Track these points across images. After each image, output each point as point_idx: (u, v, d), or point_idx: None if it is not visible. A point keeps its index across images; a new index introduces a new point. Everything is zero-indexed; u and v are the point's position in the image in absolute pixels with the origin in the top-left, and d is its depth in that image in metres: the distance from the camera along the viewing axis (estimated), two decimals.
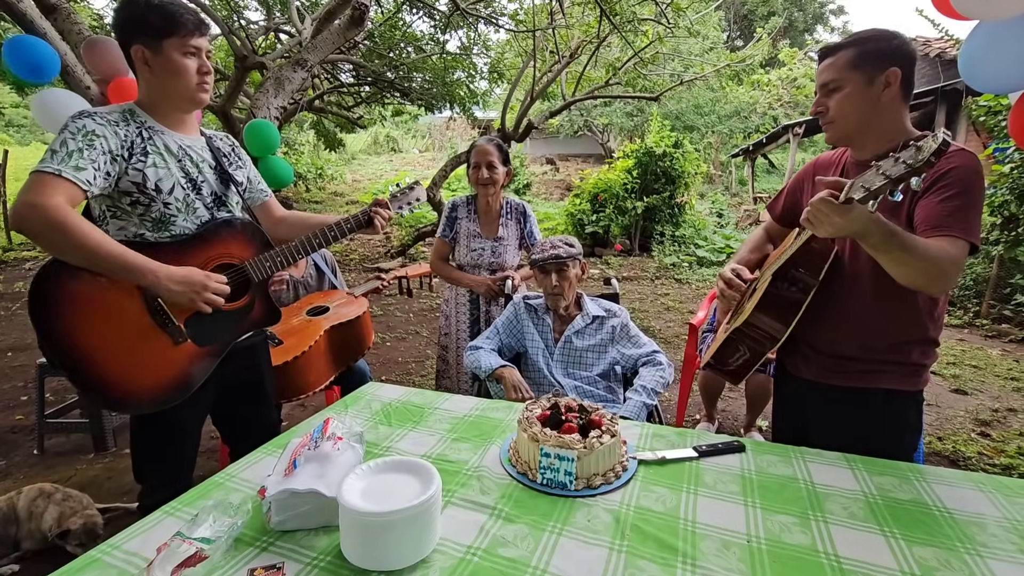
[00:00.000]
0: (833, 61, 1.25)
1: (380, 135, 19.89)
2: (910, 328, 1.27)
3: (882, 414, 1.31)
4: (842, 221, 1.03)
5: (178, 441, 1.44)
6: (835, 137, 1.31)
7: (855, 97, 1.22)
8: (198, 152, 1.40)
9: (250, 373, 1.57)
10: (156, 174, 1.28)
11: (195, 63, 1.30)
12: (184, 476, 1.48)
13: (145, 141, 1.28)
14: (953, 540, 0.92)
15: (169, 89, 1.31)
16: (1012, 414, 3.32)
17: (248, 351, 1.53)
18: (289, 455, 1.00)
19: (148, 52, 1.26)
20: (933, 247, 1.08)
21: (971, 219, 1.12)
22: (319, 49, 3.74)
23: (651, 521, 0.97)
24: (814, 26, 25.43)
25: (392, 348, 4.55)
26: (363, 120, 9.43)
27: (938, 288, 1.13)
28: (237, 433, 1.65)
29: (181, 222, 1.33)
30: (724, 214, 11.41)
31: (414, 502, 0.82)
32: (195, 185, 1.37)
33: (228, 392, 1.51)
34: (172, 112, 1.36)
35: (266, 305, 1.50)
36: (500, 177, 2.27)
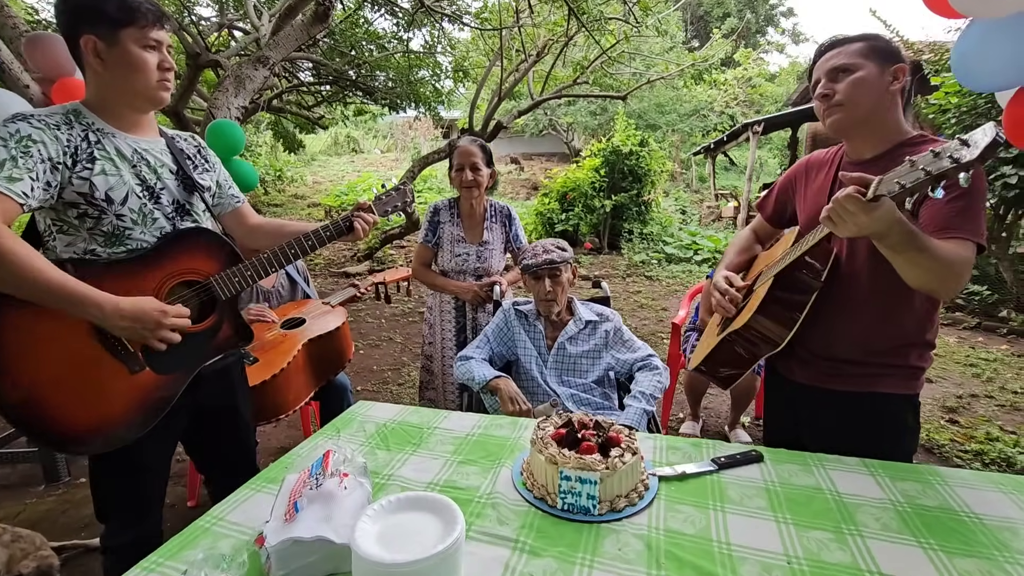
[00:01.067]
0: (843, 49, 1.22)
1: (340, 135, 19.41)
2: (908, 330, 1.25)
3: (880, 418, 1.29)
4: (867, 219, 0.98)
5: (143, 477, 1.30)
6: (840, 123, 1.24)
7: (869, 81, 1.18)
8: (156, 156, 1.25)
9: (224, 399, 1.44)
10: (106, 182, 1.13)
11: (155, 58, 1.16)
12: (152, 514, 1.35)
13: (92, 145, 1.13)
14: (990, 549, 0.90)
15: (125, 86, 1.16)
16: (975, 400, 3.45)
17: (221, 374, 1.39)
18: (288, 496, 0.89)
19: (101, 44, 1.11)
20: (947, 250, 1.05)
21: (978, 219, 1.11)
22: (281, 46, 3.56)
23: (684, 546, 0.92)
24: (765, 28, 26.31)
25: (366, 356, 4.40)
26: (324, 120, 9.14)
27: (949, 291, 1.11)
28: (213, 463, 1.52)
29: (138, 235, 1.19)
30: (687, 211, 11.64)
31: (440, 547, 0.74)
32: (153, 193, 1.22)
33: (200, 420, 1.38)
34: (127, 112, 1.21)
35: (235, 325, 1.34)
36: (484, 179, 2.19)
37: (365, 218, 1.45)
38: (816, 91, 1.25)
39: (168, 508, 2.22)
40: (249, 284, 1.31)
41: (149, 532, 1.32)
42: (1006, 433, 2.94)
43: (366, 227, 1.45)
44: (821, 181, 1.37)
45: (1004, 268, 5.17)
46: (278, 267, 1.33)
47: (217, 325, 1.30)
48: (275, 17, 4.48)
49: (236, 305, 1.35)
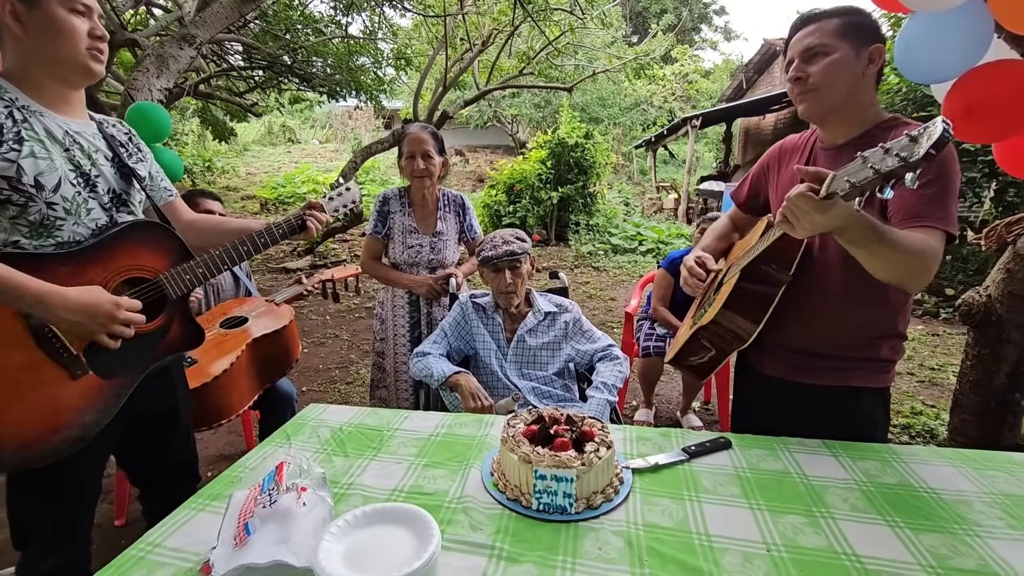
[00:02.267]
0: (819, 26, 1.15)
1: (275, 124, 18.47)
2: (881, 322, 1.22)
3: (851, 412, 1.26)
4: (823, 218, 0.93)
5: (71, 495, 1.17)
6: (814, 109, 1.19)
7: (845, 65, 1.13)
8: (89, 140, 1.13)
9: (163, 402, 1.33)
10: (35, 166, 1.01)
11: (86, 24, 1.05)
12: (81, 538, 1.21)
13: (18, 124, 1.00)
14: (950, 523, 0.93)
15: (50, 54, 1.04)
16: (899, 377, 3.71)
17: (160, 375, 1.27)
18: (237, 517, 0.80)
19: (21, 5, 1.00)
20: (914, 241, 1.01)
21: (949, 206, 1.07)
22: (209, 24, 3.29)
23: (664, 540, 0.89)
24: (699, 25, 27.26)
25: (311, 355, 4.20)
26: (257, 107, 8.62)
27: (918, 284, 1.08)
28: (150, 474, 1.40)
29: (70, 227, 1.07)
30: (631, 203, 11.90)
31: (416, 565, 0.67)
32: (88, 181, 1.10)
33: (136, 426, 1.26)
34: (53, 86, 1.08)
35: (185, 325, 1.26)
36: (436, 168, 2.10)
37: (318, 217, 1.41)
38: (789, 72, 1.19)
39: (93, 528, 2.02)
40: (201, 282, 1.24)
41: (76, 558, 1.19)
42: (928, 407, 3.18)
43: (318, 226, 1.41)
44: (794, 168, 1.31)
45: None
46: (231, 264, 1.26)
47: (167, 325, 1.21)
48: None
49: (187, 304, 1.27)
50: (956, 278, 5.66)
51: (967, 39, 1.32)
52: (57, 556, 1.17)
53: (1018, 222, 2.05)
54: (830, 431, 1.24)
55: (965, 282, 5.54)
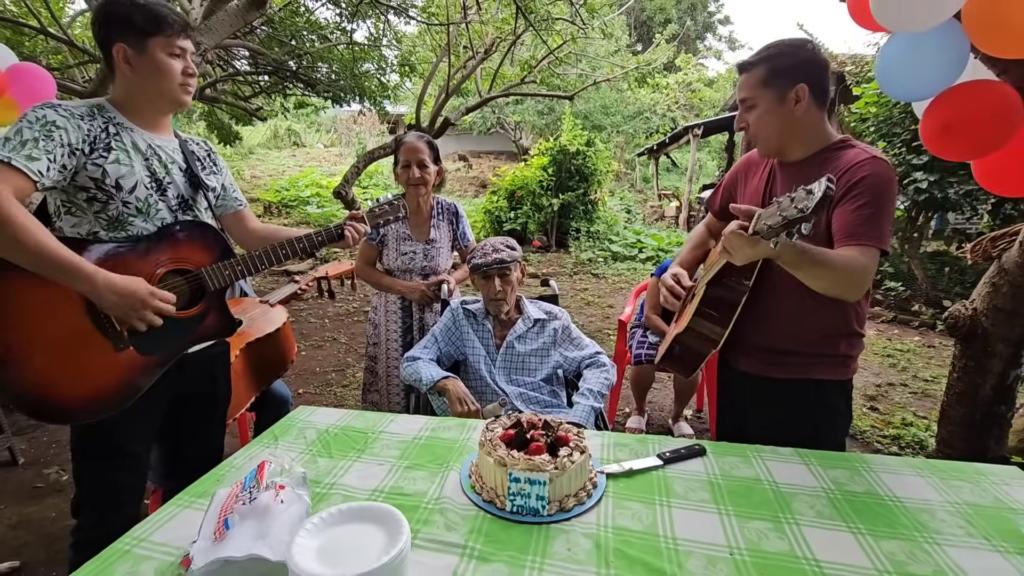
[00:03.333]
0: (748, 77, 1.29)
1: (281, 128, 18.60)
2: (836, 322, 1.34)
3: (815, 403, 1.39)
4: (752, 251, 1.09)
5: (123, 461, 1.33)
6: (763, 152, 1.38)
7: (770, 114, 1.28)
8: (168, 153, 1.34)
9: (204, 385, 1.49)
10: (118, 170, 1.22)
11: (180, 64, 1.28)
12: (130, 506, 1.35)
13: (111, 136, 1.23)
14: (911, 530, 0.96)
15: (151, 89, 1.27)
16: (892, 388, 3.72)
17: (206, 363, 1.46)
18: (218, 512, 0.83)
19: (131, 51, 1.23)
20: (843, 259, 1.15)
21: (882, 226, 1.19)
22: (215, 31, 3.35)
23: (632, 543, 0.92)
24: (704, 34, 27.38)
25: (309, 357, 4.24)
26: (262, 112, 8.71)
27: (852, 295, 1.20)
28: (179, 455, 1.51)
29: (140, 223, 1.27)
30: (632, 210, 11.94)
31: (384, 560, 0.71)
32: (160, 186, 1.31)
33: (178, 407, 1.43)
34: (150, 112, 1.31)
35: (221, 316, 1.40)
36: (431, 177, 2.14)
37: (357, 228, 1.54)
38: (736, 120, 1.37)
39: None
40: (239, 278, 1.37)
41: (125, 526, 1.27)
42: (919, 418, 3.19)
43: (356, 236, 1.54)
44: (756, 181, 1.45)
45: (916, 266, 5.61)
46: (267, 265, 1.40)
47: (204, 313, 1.36)
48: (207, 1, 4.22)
49: (224, 297, 1.41)
50: (954, 290, 5.68)
51: (943, 59, 1.36)
52: (107, 523, 1.25)
53: (1003, 236, 2.08)
54: (796, 421, 1.37)
55: (963, 295, 5.54)
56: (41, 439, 2.87)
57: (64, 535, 2.04)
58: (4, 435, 2.57)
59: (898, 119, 5.03)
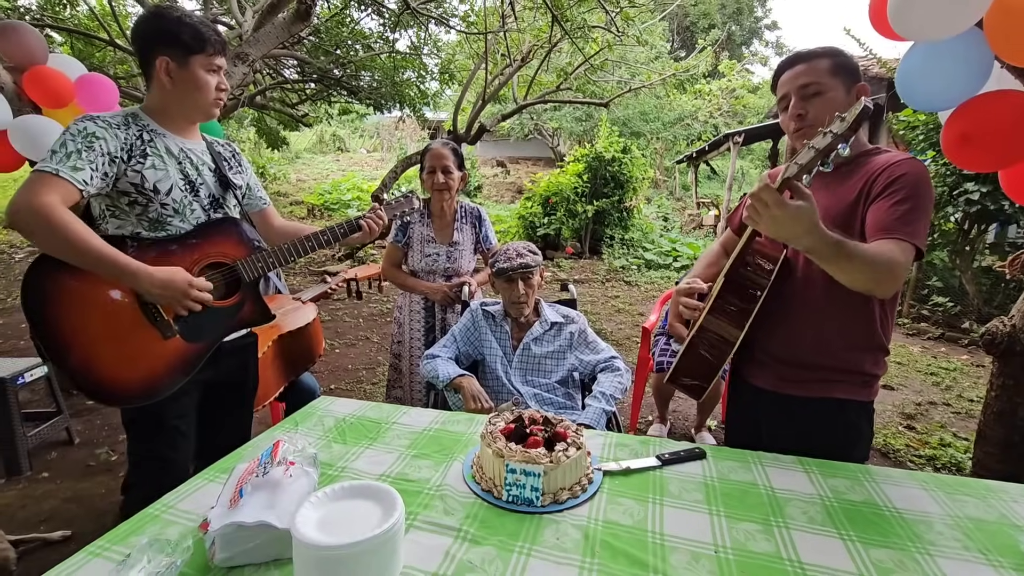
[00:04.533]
0: (811, 65, 1.23)
1: (326, 134, 19.29)
2: (862, 335, 1.27)
3: (835, 424, 1.30)
4: (781, 213, 1.00)
5: (171, 443, 1.43)
6: None
7: (840, 103, 1.20)
8: (198, 155, 1.44)
9: (236, 375, 1.59)
10: (155, 175, 1.32)
11: (215, 80, 1.38)
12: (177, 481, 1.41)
13: (145, 144, 1.32)
14: (905, 540, 0.96)
15: (188, 101, 1.37)
16: (933, 407, 3.57)
17: (239, 352, 1.57)
18: (235, 483, 0.92)
19: (173, 64, 1.32)
20: (878, 250, 1.09)
21: (917, 223, 1.14)
22: (261, 43, 3.56)
23: (620, 536, 0.96)
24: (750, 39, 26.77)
25: (342, 355, 4.40)
26: (308, 118, 9.09)
27: (885, 290, 1.14)
28: (209, 440, 1.58)
29: (177, 223, 1.37)
30: (669, 218, 11.79)
31: (376, 531, 0.77)
32: (193, 187, 1.40)
33: (212, 394, 1.53)
34: (181, 120, 1.41)
35: (257, 305, 1.51)
36: (455, 182, 2.22)
37: (375, 218, 1.63)
38: (788, 109, 1.27)
39: None
40: (271, 268, 1.49)
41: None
42: (958, 439, 3.05)
43: (374, 227, 1.63)
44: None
45: (967, 280, 5.34)
46: (297, 257, 1.51)
47: (241, 303, 1.47)
48: (257, 14, 4.47)
49: (258, 287, 1.52)
50: (1009, 307, 5.37)
51: (964, 69, 1.33)
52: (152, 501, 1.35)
53: None
54: (814, 442, 1.28)
55: None
56: (95, 421, 3.09)
57: (112, 509, 2.22)
58: (62, 416, 2.79)
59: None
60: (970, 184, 4.65)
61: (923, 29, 1.30)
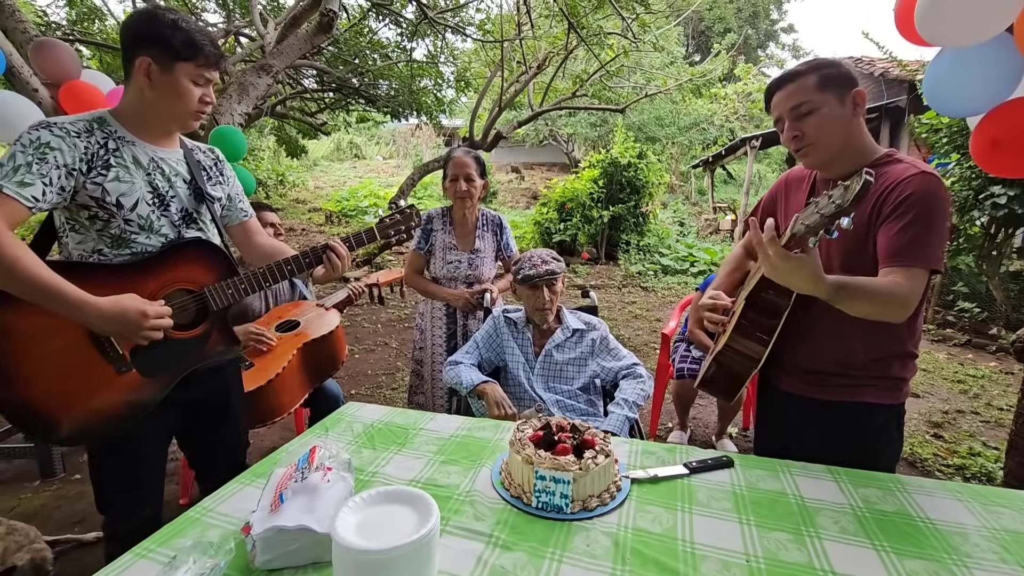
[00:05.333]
0: (799, 85, 1.23)
1: (343, 141, 19.54)
2: (889, 342, 1.26)
3: (864, 428, 1.31)
4: (783, 265, 1.05)
5: (141, 465, 1.35)
6: (817, 162, 1.28)
7: (832, 118, 1.21)
8: (171, 165, 1.32)
9: (217, 396, 1.49)
10: (118, 188, 1.20)
11: (200, 92, 1.26)
12: (152, 501, 1.39)
13: (110, 153, 1.21)
14: (940, 552, 0.95)
15: (165, 108, 1.25)
16: (961, 415, 3.50)
17: (215, 373, 1.44)
18: (274, 488, 0.94)
19: (156, 67, 1.20)
20: (885, 287, 1.10)
21: (930, 246, 1.13)
22: (285, 55, 3.64)
23: (650, 544, 0.97)
24: (766, 43, 26.57)
25: (361, 360, 4.44)
26: (326, 127, 9.24)
27: (897, 319, 1.14)
28: (202, 457, 1.57)
29: (143, 240, 1.25)
30: (685, 223, 11.72)
31: (414, 536, 0.79)
32: (162, 201, 1.29)
33: (194, 414, 1.44)
34: (156, 128, 1.30)
35: (224, 334, 1.40)
36: (477, 190, 2.25)
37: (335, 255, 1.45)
38: (784, 132, 1.28)
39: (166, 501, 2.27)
40: (242, 297, 1.36)
41: (149, 520, 1.34)
42: (988, 448, 2.99)
43: (336, 262, 1.45)
44: (798, 200, 1.40)
45: (994, 286, 5.22)
46: (271, 283, 1.39)
47: (206, 334, 1.35)
48: (280, 26, 4.57)
49: (227, 315, 1.40)
50: None
51: (993, 75, 1.32)
52: (132, 519, 1.35)
53: None
54: (843, 446, 1.29)
55: None
56: None
57: None
58: None
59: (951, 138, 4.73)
60: (996, 188, 4.55)
61: (952, 35, 1.29)
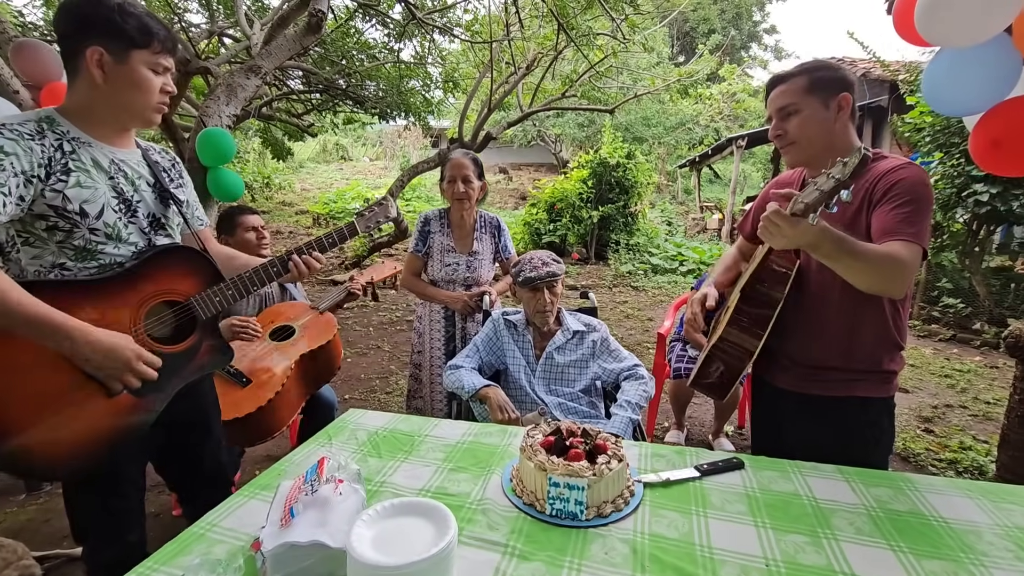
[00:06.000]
0: (788, 87, 1.31)
1: (329, 143, 19.36)
2: (879, 334, 1.32)
3: (858, 421, 1.36)
4: (792, 232, 1.09)
5: (120, 490, 1.26)
6: (797, 159, 1.36)
7: (814, 119, 1.29)
8: (133, 167, 1.22)
9: (193, 415, 1.40)
10: (80, 195, 1.09)
11: (160, 81, 1.16)
12: (134, 529, 1.30)
13: (67, 156, 1.09)
14: (956, 551, 0.95)
15: (122, 101, 1.14)
16: (950, 410, 3.55)
17: (189, 390, 1.31)
18: (283, 502, 0.91)
19: (109, 58, 1.09)
20: (883, 249, 1.14)
21: (920, 224, 1.19)
22: (273, 56, 3.58)
23: (668, 550, 0.95)
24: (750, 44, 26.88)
25: (354, 364, 4.39)
26: (313, 128, 9.13)
27: (895, 289, 1.18)
28: (187, 477, 1.48)
29: (111, 250, 1.15)
30: (673, 222, 11.80)
31: (433, 551, 0.77)
32: (129, 206, 1.19)
33: (173, 434, 1.34)
34: (112, 125, 1.18)
35: (215, 345, 1.32)
36: (475, 191, 2.23)
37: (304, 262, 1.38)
38: (771, 130, 1.37)
39: (153, 518, 2.21)
40: (230, 304, 1.28)
41: (132, 546, 1.27)
42: (979, 442, 3.03)
43: (303, 269, 1.38)
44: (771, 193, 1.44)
45: (977, 282, 5.33)
46: (259, 286, 1.32)
47: (196, 347, 1.27)
48: (267, 26, 4.50)
49: (216, 324, 1.33)
50: (1020, 308, 5.35)
51: (992, 74, 1.34)
52: (113, 547, 1.26)
53: None
54: (838, 439, 1.35)
55: None
56: None
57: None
58: None
59: (956, 128, 4.82)
60: (979, 185, 4.64)
61: (952, 35, 1.30)
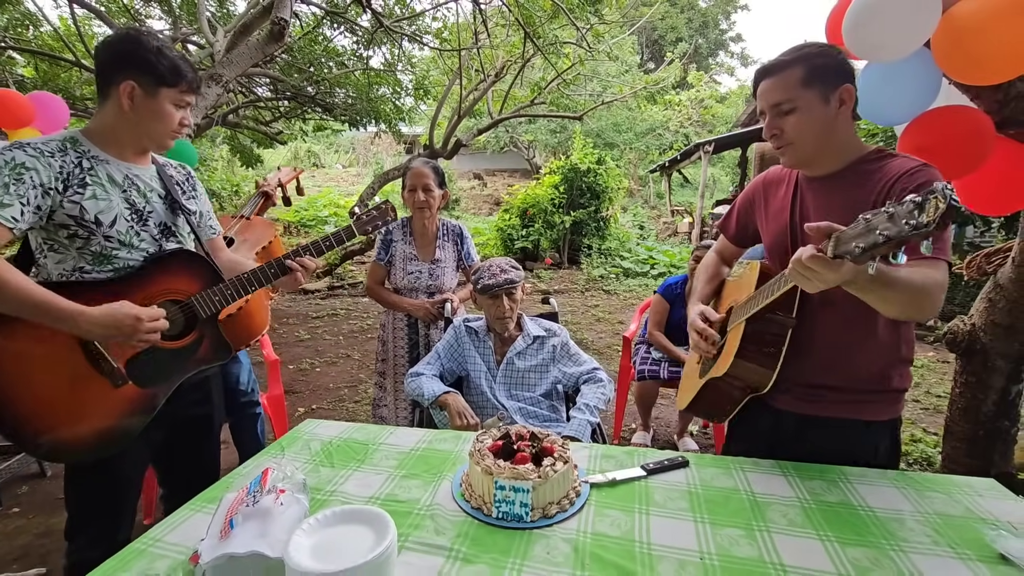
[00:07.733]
0: (781, 79, 1.17)
1: (301, 150, 19.12)
2: (886, 351, 1.23)
3: (863, 444, 1.28)
4: (835, 276, 0.93)
5: (120, 488, 1.36)
6: (795, 161, 1.24)
7: (813, 118, 1.16)
8: (146, 181, 1.35)
9: (200, 408, 1.51)
10: (96, 206, 1.23)
11: (180, 115, 1.31)
12: (124, 529, 1.37)
13: (85, 171, 1.23)
14: (879, 538, 1.00)
15: (144, 129, 1.29)
16: None
17: (200, 385, 1.48)
18: (224, 513, 0.91)
19: (140, 91, 1.24)
20: (918, 277, 1.01)
21: (945, 238, 1.09)
22: (235, 64, 3.54)
23: (608, 547, 0.98)
24: (716, 51, 27.54)
25: (322, 374, 4.35)
26: (282, 135, 9.02)
27: (927, 315, 1.07)
28: (180, 475, 1.53)
29: (124, 255, 1.28)
30: (645, 227, 11.98)
31: (369, 556, 0.78)
32: (141, 216, 1.32)
33: (175, 429, 1.44)
34: (131, 146, 1.32)
35: (215, 341, 1.44)
36: (436, 200, 2.24)
37: (303, 264, 1.46)
38: (765, 128, 1.24)
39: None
40: (229, 302, 1.40)
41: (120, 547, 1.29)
42: (928, 435, 3.16)
43: (303, 272, 1.46)
44: (781, 199, 1.35)
45: None
46: (257, 287, 1.42)
47: (197, 342, 1.39)
48: (230, 33, 4.45)
49: (216, 321, 1.44)
50: (970, 305, 5.59)
51: (915, 86, 1.42)
52: (103, 546, 1.25)
53: (997, 252, 2.10)
54: (843, 461, 1.26)
55: None
56: None
57: None
58: None
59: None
60: None
61: (877, 49, 1.38)
